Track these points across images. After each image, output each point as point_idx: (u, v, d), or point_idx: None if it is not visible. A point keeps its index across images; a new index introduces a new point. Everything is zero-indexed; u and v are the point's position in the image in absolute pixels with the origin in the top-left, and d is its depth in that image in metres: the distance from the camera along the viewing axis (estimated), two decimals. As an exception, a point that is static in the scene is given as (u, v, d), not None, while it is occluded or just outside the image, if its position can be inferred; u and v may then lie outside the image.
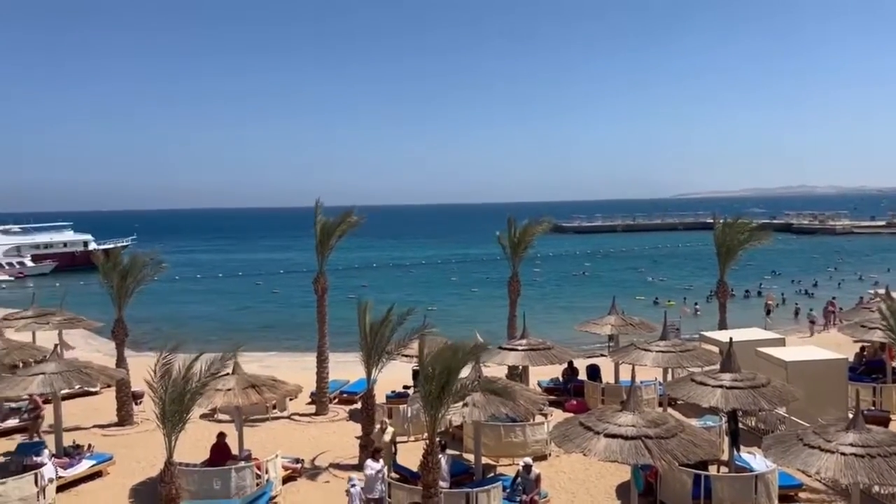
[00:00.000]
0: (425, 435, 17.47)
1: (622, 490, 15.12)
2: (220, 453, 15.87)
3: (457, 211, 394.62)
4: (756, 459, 15.10)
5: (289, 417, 21.29)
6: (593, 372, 22.94)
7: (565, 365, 22.81)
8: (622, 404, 12.41)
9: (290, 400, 21.18)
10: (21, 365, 21.61)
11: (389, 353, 17.52)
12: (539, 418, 17.86)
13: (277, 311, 51.23)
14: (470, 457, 16.50)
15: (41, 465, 15.27)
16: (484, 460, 16.08)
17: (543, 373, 23.59)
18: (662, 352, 18.89)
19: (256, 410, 19.95)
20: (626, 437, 11.50)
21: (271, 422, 20.78)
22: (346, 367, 26.55)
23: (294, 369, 25.87)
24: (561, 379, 23.42)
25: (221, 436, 16.21)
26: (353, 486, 13.51)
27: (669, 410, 16.94)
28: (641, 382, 18.38)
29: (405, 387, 22.30)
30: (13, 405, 20.84)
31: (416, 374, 22.20)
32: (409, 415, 18.94)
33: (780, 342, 21.86)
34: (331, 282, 22.74)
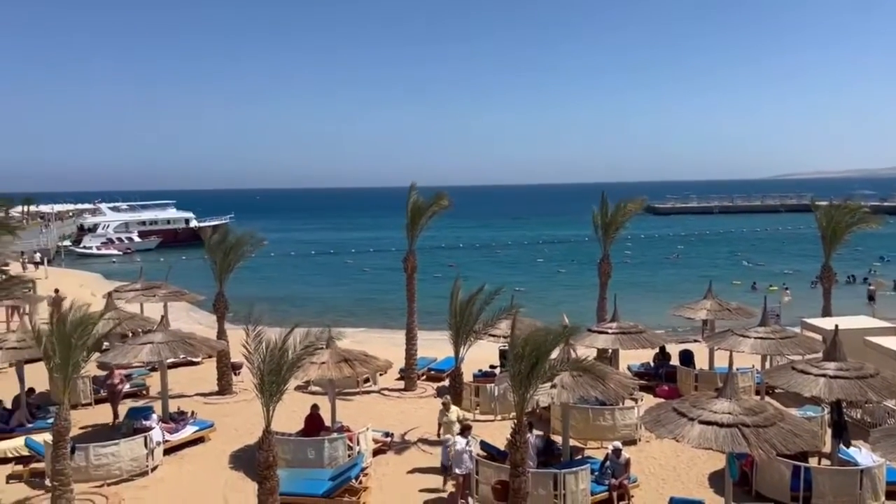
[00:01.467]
0: (511, 414, 17.63)
1: (715, 478, 14.72)
2: (313, 424, 16.44)
3: (545, 192, 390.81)
4: (861, 453, 14.35)
5: (379, 392, 21.78)
6: (686, 357, 22.33)
7: (657, 349, 22.31)
8: (718, 391, 12.02)
9: (381, 375, 21.66)
10: (131, 334, 23.00)
11: (477, 332, 17.61)
12: (629, 402, 17.57)
13: (367, 289, 52.31)
14: (557, 438, 16.43)
15: (150, 428, 16.23)
16: (571, 442, 15.97)
17: (634, 357, 23.16)
18: (762, 338, 18.16)
19: (348, 384, 20.50)
20: (721, 425, 11.13)
21: (362, 395, 21.33)
22: (434, 345, 26.88)
23: (383, 345, 26.40)
24: (652, 364, 22.92)
25: (315, 407, 16.77)
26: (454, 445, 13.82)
27: (767, 399, 16.32)
28: (738, 369, 17.74)
29: (492, 366, 22.39)
30: (124, 372, 22.19)
31: (503, 353, 22.26)
32: (496, 394, 19.00)
33: (893, 331, 20.61)
34: (419, 261, 22.99)
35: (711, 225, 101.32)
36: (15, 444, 16.29)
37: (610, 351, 20.44)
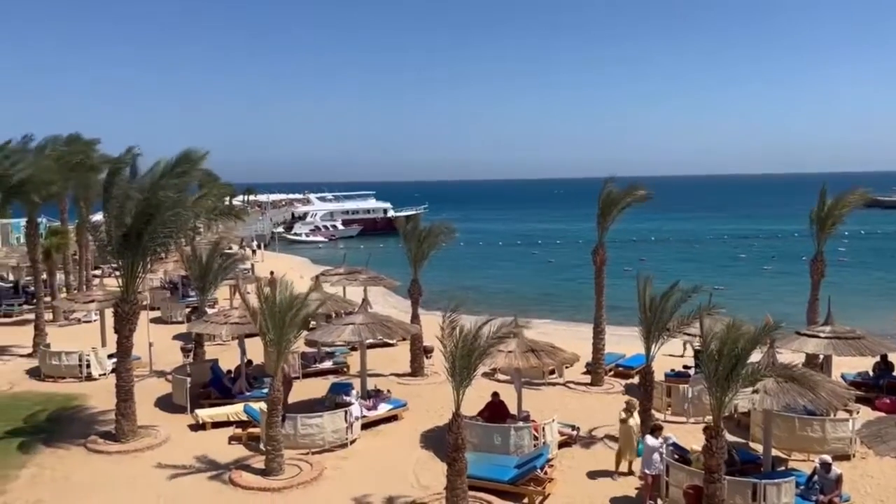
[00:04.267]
0: (705, 418, 16.73)
1: (948, 508, 12.99)
2: (497, 411, 16.70)
3: (744, 182, 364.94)
4: None
5: (564, 384, 21.63)
6: (913, 369, 19.85)
7: (877, 358, 20.05)
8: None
9: (567, 368, 21.46)
10: (334, 315, 24.76)
11: (670, 330, 16.87)
12: (842, 414, 15.97)
13: (552, 281, 52.07)
14: (756, 447, 15.36)
15: (349, 404, 17.39)
16: (773, 452, 14.83)
17: (849, 365, 20.99)
18: None
19: (534, 374, 20.55)
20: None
21: (547, 387, 21.30)
22: (622, 341, 26.18)
23: (569, 338, 26.10)
24: (871, 373, 20.61)
25: (495, 395, 17.04)
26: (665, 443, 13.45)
27: None
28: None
29: (685, 366, 21.39)
30: (328, 349, 23.97)
31: (697, 353, 21.16)
32: (689, 395, 18.15)
33: None
34: (609, 254, 22.45)
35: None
36: (235, 410, 18.19)
37: (821, 357, 18.70)
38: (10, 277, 39.52)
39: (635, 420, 15.21)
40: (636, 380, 21.16)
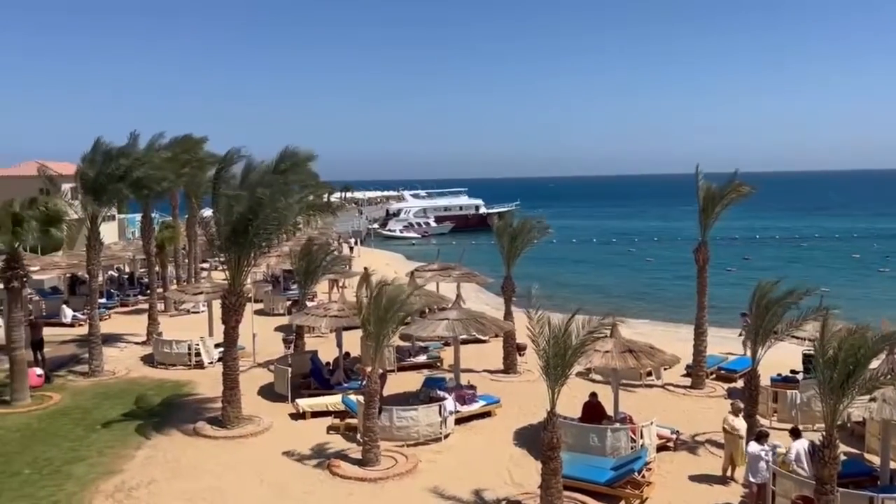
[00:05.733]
0: (815, 426, 15.90)
1: None
2: (593, 412, 16.40)
3: (839, 178, 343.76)
4: None
5: (662, 387, 21.03)
6: None
7: None
8: None
9: (665, 370, 20.87)
10: (428, 311, 25.04)
11: (778, 333, 16.10)
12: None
13: (650, 280, 50.80)
14: (873, 458, 14.43)
15: (443, 398, 17.53)
16: (892, 465, 13.89)
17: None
18: None
19: (631, 375, 20.08)
20: None
21: (645, 389, 20.76)
22: (724, 343, 25.31)
23: (667, 339, 25.38)
24: None
25: (593, 395, 16.74)
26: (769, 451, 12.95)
27: None
28: None
29: (793, 371, 20.38)
30: (422, 344, 24.26)
31: (806, 358, 20.13)
32: (797, 402, 17.28)
33: None
34: (710, 253, 21.64)
35: None
36: (334, 400, 18.68)
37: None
38: (126, 269, 42.16)
39: (742, 424, 14.62)
40: (740, 384, 20.32)
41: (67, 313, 30.05)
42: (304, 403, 18.59)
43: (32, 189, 25.86)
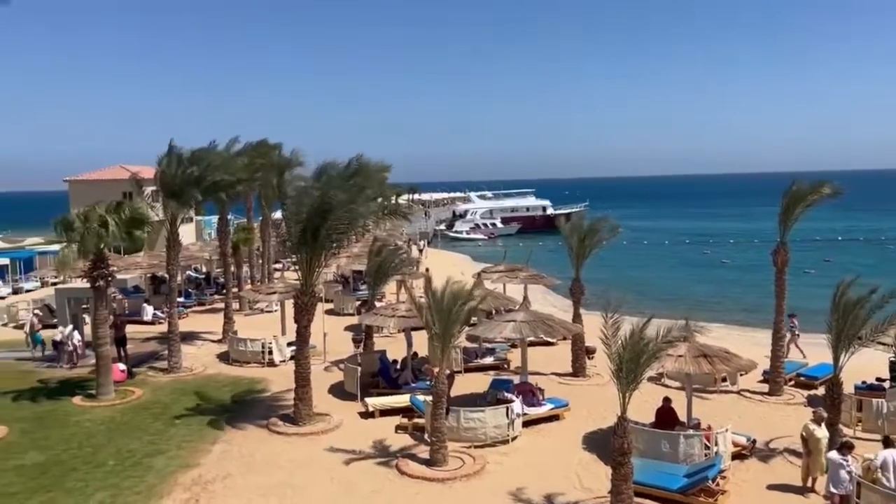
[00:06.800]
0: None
1: None
2: (666, 417, 16.01)
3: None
4: None
5: (738, 393, 20.35)
6: None
7: None
8: None
9: (741, 375, 20.22)
10: (494, 312, 24.97)
11: (863, 338, 15.36)
12: None
13: (725, 282, 49.31)
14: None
15: (510, 400, 17.44)
16: None
17: None
18: None
19: (705, 380, 19.55)
20: None
21: (719, 394, 20.15)
22: (804, 349, 24.28)
23: (743, 344, 24.59)
24: None
25: (667, 400, 16.34)
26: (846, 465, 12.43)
27: None
28: None
29: (879, 379, 19.43)
30: (489, 345, 24.21)
31: (894, 365, 19.23)
32: (884, 411, 16.46)
33: None
34: (790, 255, 20.82)
35: None
36: (402, 400, 18.85)
37: None
38: (202, 269, 43.65)
39: (823, 433, 14.01)
40: (820, 391, 19.51)
41: (148, 311, 31.32)
42: (373, 402, 18.82)
43: (117, 192, 27.10)
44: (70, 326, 24.26)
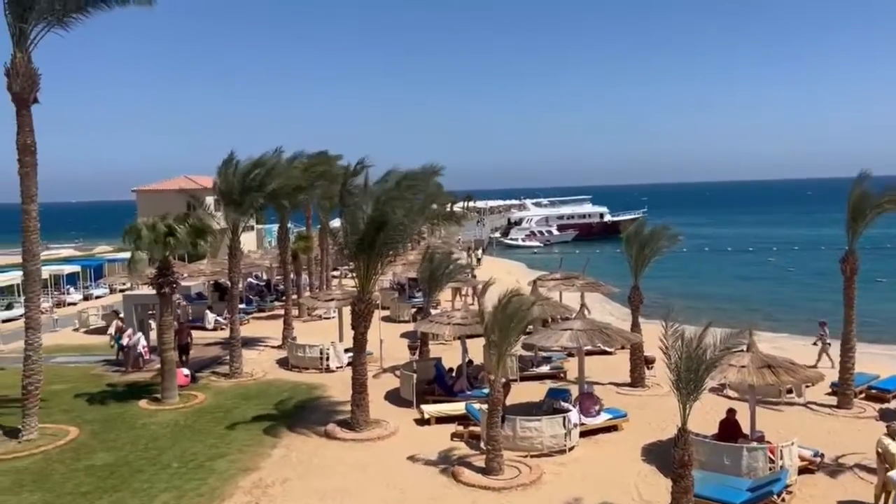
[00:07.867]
0: None
1: None
2: (730, 429, 15.57)
3: None
4: None
5: (804, 405, 19.66)
6: None
7: None
8: None
9: (807, 387, 19.54)
10: (550, 320, 24.77)
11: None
12: None
13: (790, 291, 47.75)
14: None
15: (567, 410, 17.25)
16: None
17: None
18: None
19: (769, 392, 18.95)
20: None
21: (784, 407, 19.51)
22: (875, 360, 23.42)
23: (809, 354, 23.75)
24: None
25: (731, 412, 15.87)
26: None
27: None
28: None
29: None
30: (545, 354, 24.00)
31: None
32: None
33: None
34: (860, 262, 20.03)
35: None
36: (458, 407, 18.84)
37: None
38: (263, 277, 44.61)
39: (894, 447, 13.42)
40: (893, 404, 18.71)
41: (210, 318, 32.16)
42: (429, 409, 18.87)
43: (181, 202, 27.92)
44: (138, 333, 25.12)
